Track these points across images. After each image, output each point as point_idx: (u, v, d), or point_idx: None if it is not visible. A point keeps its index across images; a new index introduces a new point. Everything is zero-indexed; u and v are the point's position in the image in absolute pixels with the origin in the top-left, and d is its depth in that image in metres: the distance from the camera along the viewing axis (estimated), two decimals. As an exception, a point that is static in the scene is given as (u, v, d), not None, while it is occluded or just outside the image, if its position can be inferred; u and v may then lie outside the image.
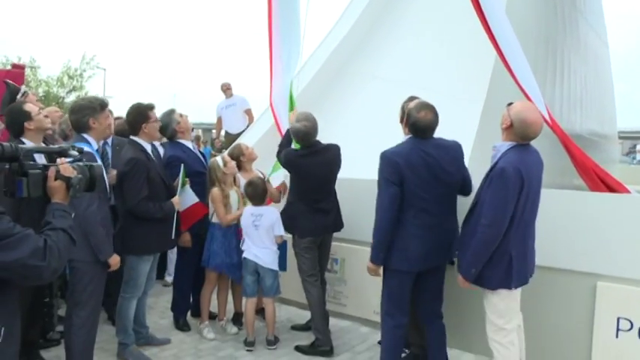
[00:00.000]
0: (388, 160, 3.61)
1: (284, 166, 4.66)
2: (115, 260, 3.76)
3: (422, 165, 3.57)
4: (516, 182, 3.14)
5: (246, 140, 6.23)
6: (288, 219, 4.61)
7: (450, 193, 3.72)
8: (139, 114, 4.30)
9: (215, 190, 4.80)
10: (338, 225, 4.68)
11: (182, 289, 5.13)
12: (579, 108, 9.50)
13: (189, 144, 5.14)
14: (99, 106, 3.79)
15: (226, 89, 9.81)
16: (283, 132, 5.71)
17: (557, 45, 8.49)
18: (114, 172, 4.18)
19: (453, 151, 3.73)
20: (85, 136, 3.74)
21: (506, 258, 3.25)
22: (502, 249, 3.23)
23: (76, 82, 33.78)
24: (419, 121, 3.60)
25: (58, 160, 2.32)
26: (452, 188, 3.72)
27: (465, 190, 3.81)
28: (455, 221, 3.75)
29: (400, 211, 3.59)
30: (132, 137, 4.33)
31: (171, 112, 4.97)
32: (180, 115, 5.04)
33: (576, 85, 9.57)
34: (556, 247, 3.87)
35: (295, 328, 5.05)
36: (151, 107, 4.37)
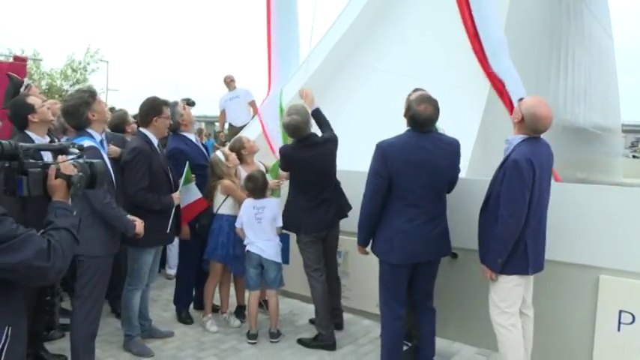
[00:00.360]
0: (382, 151, 3.62)
1: (281, 164, 4.58)
2: (140, 227, 3.87)
3: (416, 159, 3.57)
4: (529, 172, 3.25)
5: (247, 133, 6.23)
6: (290, 217, 4.57)
7: (442, 189, 3.73)
8: (153, 108, 4.32)
9: (226, 181, 4.83)
10: (342, 214, 4.62)
11: (185, 282, 5.15)
12: (583, 100, 9.48)
13: (192, 136, 5.14)
14: (90, 97, 3.73)
15: (230, 82, 9.79)
16: (272, 142, 5.71)
17: (562, 37, 8.46)
18: (114, 148, 4.30)
19: (451, 147, 3.73)
20: (88, 130, 3.73)
21: (522, 246, 3.35)
22: (518, 237, 3.33)
23: (80, 75, 33.76)
24: (418, 114, 3.59)
25: (59, 158, 2.32)
26: (444, 184, 3.73)
27: (450, 187, 3.83)
28: (445, 217, 3.77)
29: (389, 202, 3.62)
30: (140, 129, 4.36)
31: (175, 104, 4.97)
32: (184, 108, 5.05)
33: (581, 77, 9.54)
34: (560, 240, 3.86)
35: (312, 321, 4.90)
36: (166, 103, 4.40)
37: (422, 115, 3.59)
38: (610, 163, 11.00)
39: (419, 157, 3.57)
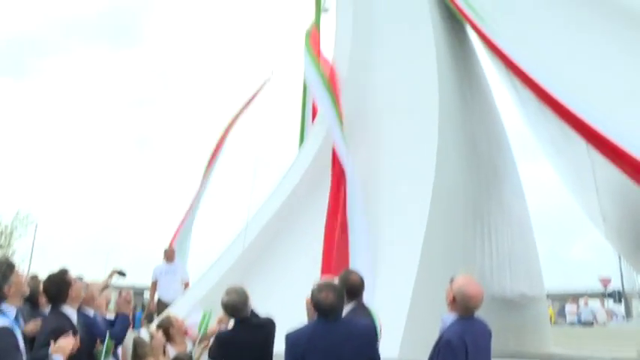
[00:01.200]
0: (290, 342, 3.55)
1: (213, 350, 4.40)
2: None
3: (324, 349, 3.48)
4: (462, 351, 3.27)
5: (176, 310, 6.05)
6: None
7: None
8: (62, 282, 4.18)
9: None
10: None
11: None
12: (508, 270, 9.84)
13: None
14: (8, 269, 3.54)
15: (170, 254, 9.44)
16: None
17: (483, 209, 8.98)
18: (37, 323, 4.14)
19: (364, 333, 3.67)
20: (1, 305, 3.46)
21: None
22: None
23: (4, 239, 32.46)
24: (320, 302, 3.56)
25: None
26: None
27: None
28: None
29: None
30: (56, 308, 4.16)
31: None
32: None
33: (504, 248, 9.98)
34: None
35: None
36: (65, 271, 4.29)
37: (324, 303, 3.54)
38: (539, 331, 11.18)
39: (326, 348, 3.48)
